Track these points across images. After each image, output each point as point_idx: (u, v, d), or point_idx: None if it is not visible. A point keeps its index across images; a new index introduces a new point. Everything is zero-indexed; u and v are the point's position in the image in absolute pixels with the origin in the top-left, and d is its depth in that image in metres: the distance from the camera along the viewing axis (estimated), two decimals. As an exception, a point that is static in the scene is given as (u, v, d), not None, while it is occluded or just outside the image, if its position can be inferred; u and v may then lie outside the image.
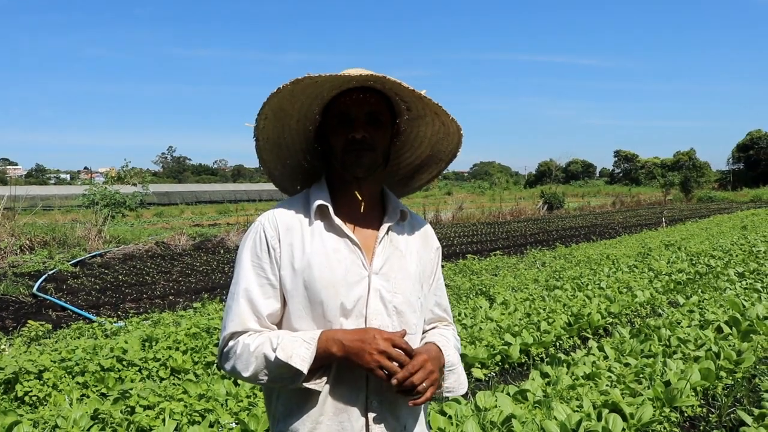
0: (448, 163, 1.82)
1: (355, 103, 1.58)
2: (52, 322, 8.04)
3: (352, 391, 1.55)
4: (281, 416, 1.61)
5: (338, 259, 1.58)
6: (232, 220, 31.58)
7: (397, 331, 1.54)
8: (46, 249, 16.36)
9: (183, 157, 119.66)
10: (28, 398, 4.74)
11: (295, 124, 1.67)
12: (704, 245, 14.07)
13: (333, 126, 1.61)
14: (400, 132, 1.72)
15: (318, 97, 1.61)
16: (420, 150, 1.80)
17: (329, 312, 1.55)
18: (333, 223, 1.61)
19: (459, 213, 31.06)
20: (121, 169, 23.49)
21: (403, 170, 1.86)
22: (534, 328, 6.35)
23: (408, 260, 1.66)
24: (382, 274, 1.61)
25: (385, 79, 1.50)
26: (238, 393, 4.46)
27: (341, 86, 1.58)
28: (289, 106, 1.61)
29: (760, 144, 66.24)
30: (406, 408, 1.59)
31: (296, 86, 1.52)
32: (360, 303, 1.57)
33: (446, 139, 1.73)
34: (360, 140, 1.57)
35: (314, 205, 1.62)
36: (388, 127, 1.64)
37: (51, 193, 50.62)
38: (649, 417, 3.91)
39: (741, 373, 4.93)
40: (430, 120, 1.69)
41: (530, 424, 3.78)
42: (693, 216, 28.63)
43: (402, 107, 1.67)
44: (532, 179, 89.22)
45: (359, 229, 1.65)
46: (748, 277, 9.38)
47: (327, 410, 1.55)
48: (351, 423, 1.55)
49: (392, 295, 1.60)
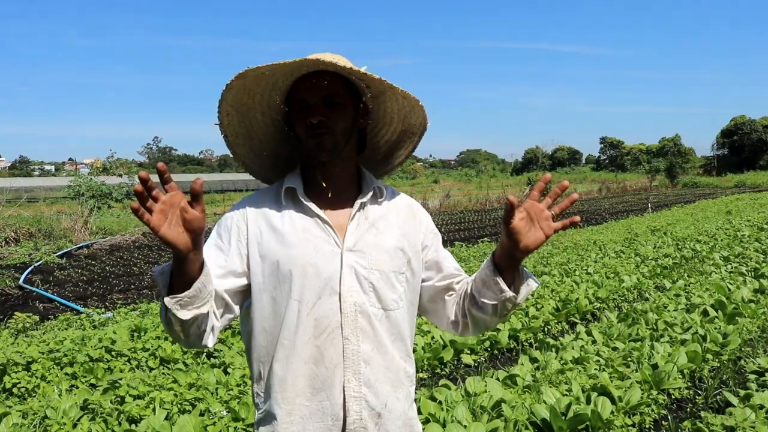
0: (420, 137, 1.81)
1: (309, 88, 1.58)
2: (39, 314, 7.99)
3: (329, 370, 1.54)
4: (261, 402, 1.61)
5: (307, 238, 1.57)
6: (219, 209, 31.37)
7: (375, 307, 1.55)
8: (31, 241, 16.22)
9: (169, 147, 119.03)
10: (16, 390, 4.71)
11: (260, 116, 1.67)
12: (690, 230, 14.21)
13: (294, 113, 1.62)
14: (368, 110, 1.71)
15: (275, 87, 1.60)
16: (393, 126, 1.79)
17: (298, 291, 1.54)
18: (303, 205, 1.61)
19: (446, 201, 31.09)
20: (106, 160, 23.29)
21: (383, 148, 1.85)
22: (522, 313, 6.39)
23: (386, 236, 1.64)
24: (357, 250, 1.59)
25: (322, 62, 1.49)
26: (228, 382, 4.46)
27: (293, 74, 1.58)
28: (249, 99, 1.61)
29: (744, 130, 66.68)
30: (387, 387, 1.59)
31: (245, 80, 1.52)
32: (332, 280, 1.55)
33: (413, 112, 1.72)
34: (317, 124, 1.56)
35: (283, 189, 1.63)
36: (349, 108, 1.63)
37: (36, 184, 50.07)
38: (637, 399, 3.95)
39: (727, 355, 5.00)
40: (391, 95, 1.67)
41: (520, 408, 3.81)
42: (678, 201, 28.88)
43: (361, 85, 1.66)
44: (518, 166, 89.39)
45: (333, 210, 1.64)
46: (733, 261, 9.49)
47: (304, 391, 1.54)
48: (329, 402, 1.54)
49: (368, 272, 1.58)
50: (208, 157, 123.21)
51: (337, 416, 1.54)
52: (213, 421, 3.75)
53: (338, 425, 1.55)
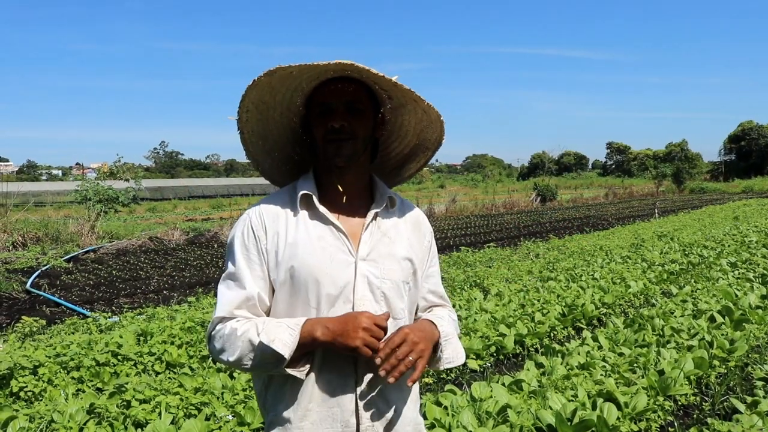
0: (434, 152, 1.83)
1: (334, 93, 1.59)
2: (46, 318, 8.03)
3: (341, 377, 1.56)
4: (271, 406, 1.62)
5: (322, 246, 1.59)
6: (226, 214, 31.55)
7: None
8: (38, 245, 16.30)
9: (175, 152, 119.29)
10: (23, 394, 4.73)
11: (279, 116, 1.68)
12: (697, 236, 14.15)
13: (314, 117, 1.62)
14: (384, 122, 1.72)
15: (297, 89, 1.61)
16: (407, 139, 1.81)
17: (314, 299, 1.56)
18: (318, 212, 1.62)
19: (452, 206, 31.08)
20: (113, 165, 23.37)
21: (393, 160, 1.86)
22: (528, 319, 6.38)
23: (397, 246, 1.66)
24: (370, 260, 1.61)
25: (355, 67, 1.49)
26: (234, 386, 4.47)
27: (319, 77, 1.58)
28: (270, 98, 1.61)
29: (751, 135, 66.43)
30: (395, 392, 1.61)
31: (272, 78, 1.52)
32: (347, 289, 1.57)
33: (430, 127, 1.74)
34: (339, 129, 1.57)
35: (299, 195, 1.63)
36: (370, 117, 1.65)
37: (43, 189, 50.28)
38: (644, 405, 3.93)
39: (734, 361, 4.97)
40: (411, 108, 1.69)
41: (525, 414, 3.80)
42: (685, 207, 28.75)
43: (383, 96, 1.68)
44: (525, 171, 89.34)
45: (346, 217, 1.65)
46: (741, 266, 9.44)
47: (316, 397, 1.56)
48: (341, 409, 1.56)
49: (380, 281, 1.60)
50: (214, 162, 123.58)
51: (347, 423, 1.56)
52: (219, 426, 3.76)
53: (348, 431, 1.56)
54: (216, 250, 16.07)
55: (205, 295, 9.20)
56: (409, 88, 1.57)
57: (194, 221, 27.51)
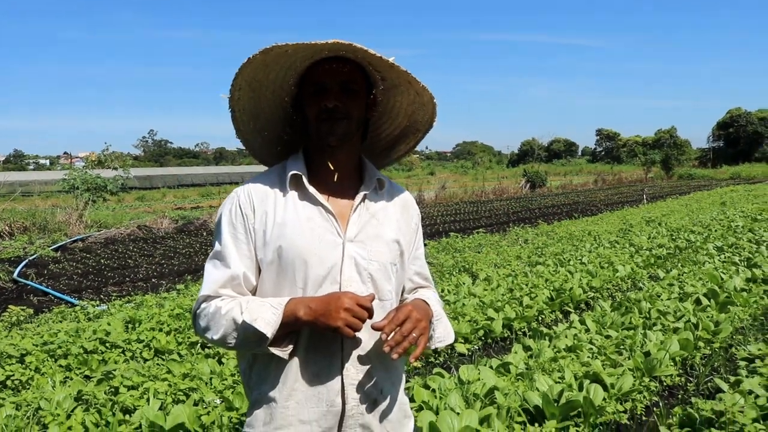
0: (425, 133, 1.83)
1: (328, 72, 1.59)
2: (34, 307, 7.98)
3: (327, 358, 1.56)
4: (255, 385, 1.62)
5: (311, 227, 1.58)
6: (215, 202, 31.41)
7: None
8: (26, 234, 16.18)
9: (164, 140, 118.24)
10: (10, 382, 4.71)
11: (271, 95, 1.67)
12: (684, 221, 14.25)
13: (307, 96, 1.62)
14: (376, 102, 1.72)
15: (291, 67, 1.61)
16: (398, 120, 1.80)
17: (302, 279, 1.56)
18: (307, 192, 1.62)
19: (442, 192, 31.07)
20: (101, 154, 23.15)
21: (383, 141, 1.86)
22: (516, 303, 6.41)
23: (386, 228, 1.67)
24: (358, 241, 1.61)
25: (353, 47, 1.49)
26: (222, 371, 4.47)
27: (313, 56, 1.58)
28: (263, 76, 1.60)
29: (739, 122, 66.83)
30: (381, 372, 1.61)
31: (267, 56, 1.52)
32: (334, 270, 1.57)
33: (422, 109, 1.73)
34: (333, 109, 1.57)
35: (289, 175, 1.63)
36: (363, 97, 1.64)
37: (30, 178, 49.74)
38: (630, 386, 3.97)
39: (718, 343, 5.03)
40: (404, 89, 1.69)
41: (513, 396, 3.82)
42: (673, 193, 28.93)
43: (377, 77, 1.67)
44: (514, 158, 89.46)
45: (335, 198, 1.65)
46: (727, 251, 9.52)
47: (302, 377, 1.56)
48: (327, 389, 1.56)
49: (368, 263, 1.61)
50: (203, 150, 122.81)
51: (332, 402, 1.56)
52: (207, 411, 3.76)
53: (334, 411, 1.56)
54: (205, 238, 16.01)
55: (194, 283, 9.17)
56: (406, 70, 1.57)
57: (183, 209, 27.38)
